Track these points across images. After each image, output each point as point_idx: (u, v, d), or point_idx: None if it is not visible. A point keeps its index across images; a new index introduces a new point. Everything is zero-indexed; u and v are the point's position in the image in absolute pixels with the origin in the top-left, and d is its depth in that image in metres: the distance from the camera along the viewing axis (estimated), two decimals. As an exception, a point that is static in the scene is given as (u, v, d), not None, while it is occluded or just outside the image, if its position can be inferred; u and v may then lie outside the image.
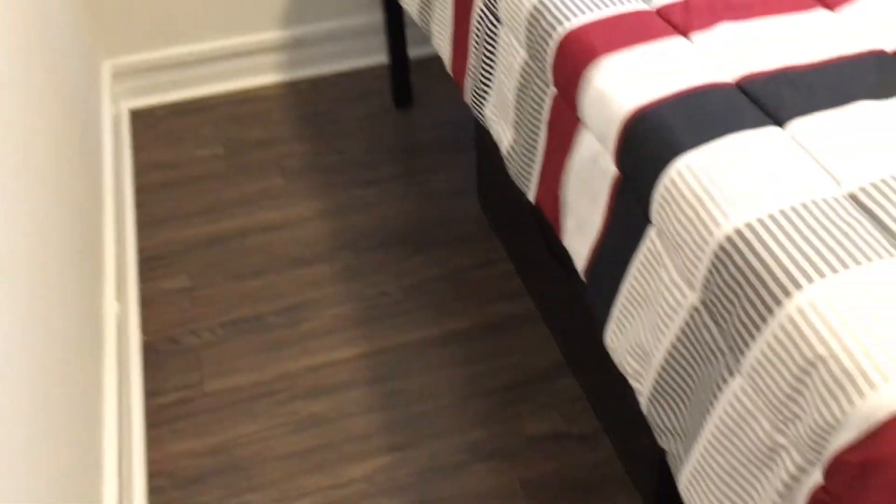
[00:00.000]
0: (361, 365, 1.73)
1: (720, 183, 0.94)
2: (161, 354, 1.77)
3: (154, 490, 1.54)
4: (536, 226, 1.70)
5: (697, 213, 0.94)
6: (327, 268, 1.93)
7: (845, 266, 0.83)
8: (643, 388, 1.06)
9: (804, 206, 0.89)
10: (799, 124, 1.00)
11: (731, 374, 0.90)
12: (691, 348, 0.96)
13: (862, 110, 1.00)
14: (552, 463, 1.54)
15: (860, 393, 0.75)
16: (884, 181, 0.91)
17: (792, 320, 0.82)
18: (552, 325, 1.75)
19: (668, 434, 1.02)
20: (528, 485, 1.51)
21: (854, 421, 0.75)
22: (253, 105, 2.40)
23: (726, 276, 0.90)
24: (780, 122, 1.01)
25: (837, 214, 0.88)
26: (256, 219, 2.06)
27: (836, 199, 0.90)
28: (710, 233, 0.92)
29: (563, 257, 1.56)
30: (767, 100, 1.03)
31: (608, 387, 1.51)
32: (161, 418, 1.66)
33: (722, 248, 0.91)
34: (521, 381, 1.68)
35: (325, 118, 2.34)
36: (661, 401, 1.03)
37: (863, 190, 0.90)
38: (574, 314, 1.61)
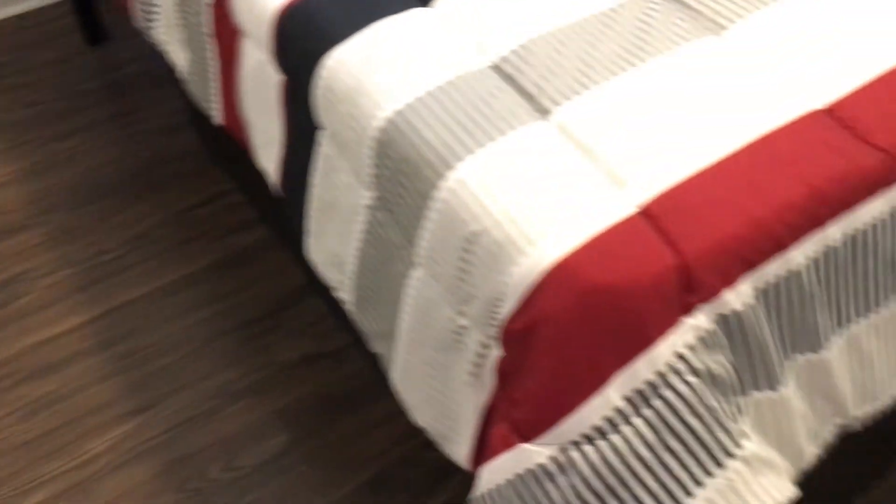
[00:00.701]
0: (89, 332, 1.59)
1: (371, 73, 0.90)
2: None
3: None
4: (253, 149, 1.61)
5: (355, 108, 0.90)
6: (34, 235, 1.73)
7: (491, 138, 0.82)
8: (347, 296, 1.03)
9: (450, 83, 0.87)
10: (443, 1, 0.97)
11: (413, 266, 0.88)
12: (377, 247, 0.94)
13: (503, -22, 0.99)
14: (307, 386, 1.50)
15: (512, 261, 0.76)
16: (523, 46, 0.90)
17: (447, 201, 0.81)
18: (292, 248, 1.69)
19: (376, 337, 1.00)
20: (284, 413, 1.47)
21: (512, 289, 0.76)
22: (-85, 65, 2.07)
23: (388, 169, 0.87)
24: (425, 1, 0.98)
25: (483, 86, 0.87)
26: (-60, 195, 1.80)
27: (481, 72, 0.89)
28: (368, 125, 0.88)
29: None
30: (414, -20, 1.00)
31: (349, 299, 1.48)
32: None
33: (380, 140, 0.87)
34: (265, 312, 1.61)
35: (7, 69, 2.07)
36: (363, 306, 1.01)
37: (505, 58, 0.90)
38: (306, 233, 1.56)
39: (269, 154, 1.13)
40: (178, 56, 1.30)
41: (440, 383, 0.90)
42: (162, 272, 1.67)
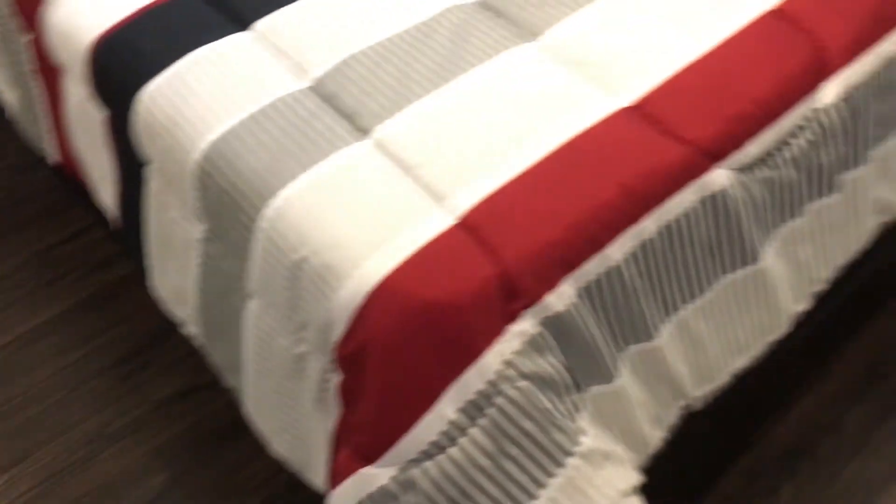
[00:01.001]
0: (-51, 389, 1.50)
1: (187, 104, 0.88)
2: None
3: None
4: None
5: (174, 141, 0.88)
6: None
7: (311, 163, 0.82)
8: (195, 330, 1.01)
9: (268, 108, 0.86)
10: (264, 24, 0.96)
11: (248, 296, 0.87)
12: (214, 280, 0.92)
13: (321, -2, 0.98)
14: (186, 421, 1.46)
15: (337, 285, 0.75)
16: (342, 64, 0.90)
17: (270, 230, 0.80)
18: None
19: (226, 371, 0.98)
20: (164, 451, 1.42)
21: (339, 313, 0.76)
22: None
23: (212, 201, 0.85)
24: (245, 25, 0.96)
25: (302, 109, 0.86)
26: None
27: (300, 93, 0.88)
28: (188, 158, 0.86)
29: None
30: (232, 3, 0.98)
31: (222, 327, 1.45)
32: None
33: (200, 172, 0.86)
34: (137, 349, 1.56)
35: None
36: (210, 340, 0.99)
37: (323, 79, 0.89)
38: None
39: (105, 191, 1.10)
40: (7, 95, 1.25)
41: (290, 412, 0.89)
42: (26, 317, 1.60)
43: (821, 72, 0.89)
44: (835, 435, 1.37)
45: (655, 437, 0.89)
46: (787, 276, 0.93)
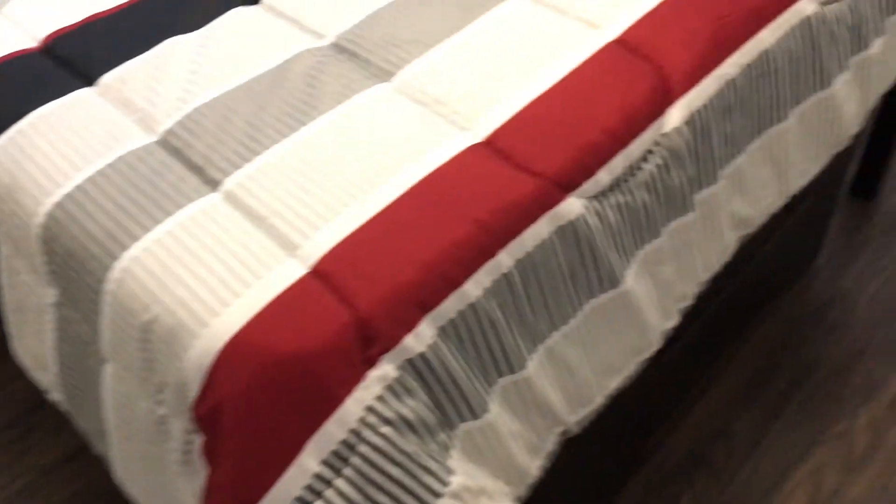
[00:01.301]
0: None
1: (27, 167, 0.85)
2: None
3: None
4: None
5: (16, 206, 0.85)
6: None
7: (157, 220, 0.79)
8: (58, 397, 0.97)
9: (111, 166, 0.84)
10: (110, 77, 0.93)
11: (104, 360, 0.84)
12: (71, 345, 0.89)
13: (171, 48, 0.96)
14: (75, 484, 1.40)
15: (188, 345, 0.73)
16: (193, 114, 0.88)
17: (116, 293, 0.77)
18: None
19: (92, 437, 0.95)
20: (53, 520, 1.37)
21: (192, 374, 0.74)
22: None
23: (59, 265, 0.82)
24: (91, 81, 0.93)
25: (147, 165, 0.84)
26: None
27: (146, 149, 0.86)
28: (32, 223, 0.83)
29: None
30: (75, 58, 0.95)
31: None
32: None
33: (44, 236, 0.82)
34: (23, 412, 1.50)
35: None
36: (74, 406, 0.95)
37: (170, 131, 0.87)
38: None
39: (-40, 256, 1.05)
40: None
41: (158, 476, 0.85)
42: None
43: (665, 97, 0.92)
44: (726, 441, 1.41)
45: (533, 466, 0.89)
46: (652, 294, 0.96)
